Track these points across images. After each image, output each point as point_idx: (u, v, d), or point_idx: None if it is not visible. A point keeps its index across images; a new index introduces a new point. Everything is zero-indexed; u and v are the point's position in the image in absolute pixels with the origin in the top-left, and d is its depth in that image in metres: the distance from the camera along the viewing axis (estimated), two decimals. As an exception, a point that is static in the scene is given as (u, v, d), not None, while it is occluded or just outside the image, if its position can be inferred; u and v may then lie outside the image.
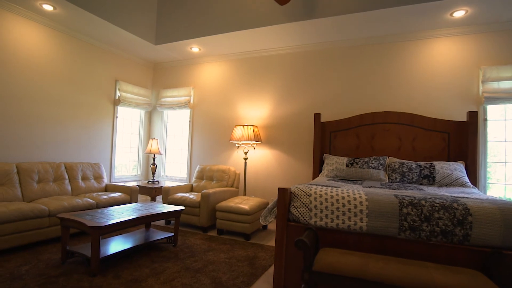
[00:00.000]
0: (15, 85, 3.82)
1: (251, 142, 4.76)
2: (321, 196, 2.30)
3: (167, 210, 3.26)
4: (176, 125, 5.90)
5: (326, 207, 2.26)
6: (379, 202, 2.16)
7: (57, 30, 4.26)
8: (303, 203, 2.34)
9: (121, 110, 5.42)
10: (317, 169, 4.19)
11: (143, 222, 2.95)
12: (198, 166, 5.07)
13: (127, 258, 2.98)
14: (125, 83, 5.32)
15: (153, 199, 4.63)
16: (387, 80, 4.19)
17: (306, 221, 2.31)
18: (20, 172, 3.51)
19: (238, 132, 4.61)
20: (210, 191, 4.10)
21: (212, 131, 5.40)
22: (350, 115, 4.36)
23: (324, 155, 4.17)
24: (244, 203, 3.98)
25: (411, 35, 4.06)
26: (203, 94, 5.51)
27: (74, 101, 4.55)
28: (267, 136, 4.90)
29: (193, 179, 4.97)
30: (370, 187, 2.85)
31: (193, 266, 2.83)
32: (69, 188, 3.94)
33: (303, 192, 2.38)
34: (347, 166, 3.76)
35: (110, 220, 2.69)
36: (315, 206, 2.29)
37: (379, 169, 3.61)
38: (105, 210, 3.10)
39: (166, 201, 4.40)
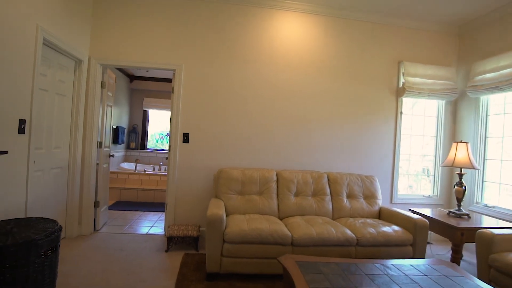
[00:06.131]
0: (275, 84, 3.53)
1: None
2: None
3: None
4: (503, 120, 3.38)
5: None
6: None
7: (319, 14, 3.56)
8: None
9: (406, 102, 3.87)
10: None
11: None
12: None
13: None
14: (412, 64, 3.71)
15: (457, 247, 2.64)
16: None
17: None
18: (279, 180, 3.06)
19: None
20: None
21: None
22: None
23: None
24: None
25: None
26: None
27: (344, 96, 3.65)
28: None
29: (553, 225, 2.39)
30: None
31: None
32: (330, 206, 3.02)
33: None
34: None
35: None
36: None
37: None
38: (350, 266, 1.78)
39: (479, 267, 2.29)
